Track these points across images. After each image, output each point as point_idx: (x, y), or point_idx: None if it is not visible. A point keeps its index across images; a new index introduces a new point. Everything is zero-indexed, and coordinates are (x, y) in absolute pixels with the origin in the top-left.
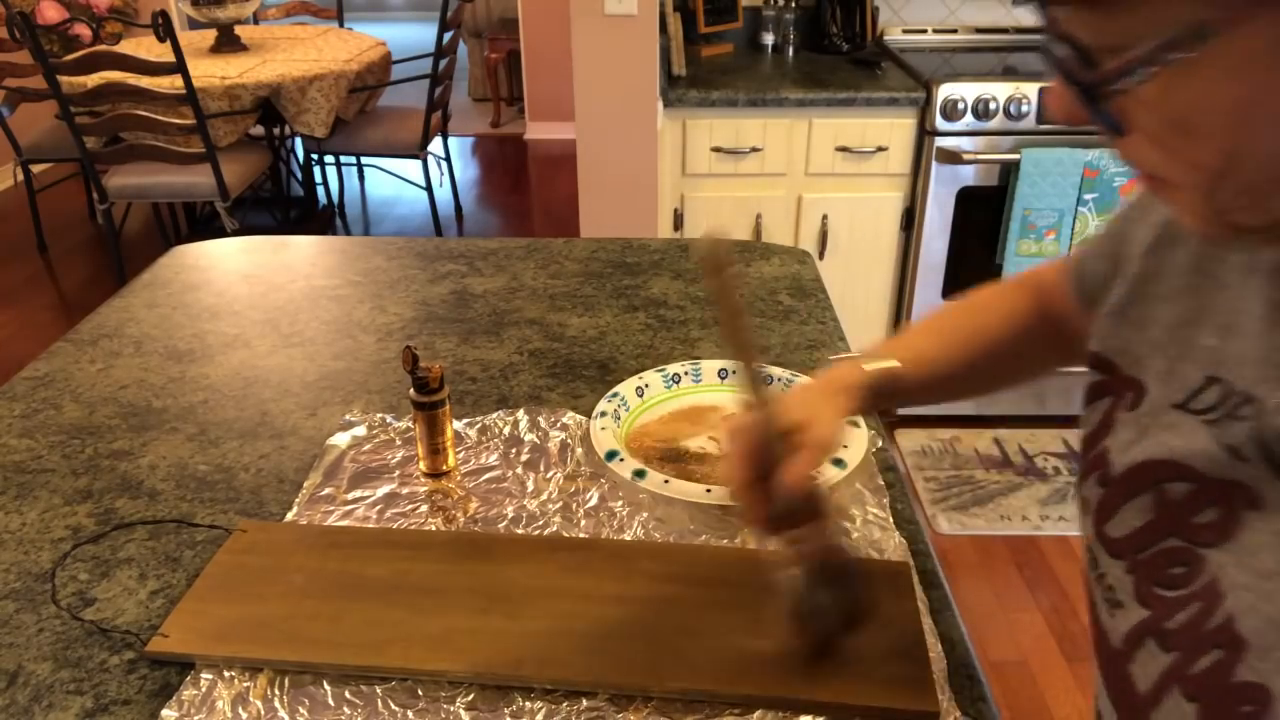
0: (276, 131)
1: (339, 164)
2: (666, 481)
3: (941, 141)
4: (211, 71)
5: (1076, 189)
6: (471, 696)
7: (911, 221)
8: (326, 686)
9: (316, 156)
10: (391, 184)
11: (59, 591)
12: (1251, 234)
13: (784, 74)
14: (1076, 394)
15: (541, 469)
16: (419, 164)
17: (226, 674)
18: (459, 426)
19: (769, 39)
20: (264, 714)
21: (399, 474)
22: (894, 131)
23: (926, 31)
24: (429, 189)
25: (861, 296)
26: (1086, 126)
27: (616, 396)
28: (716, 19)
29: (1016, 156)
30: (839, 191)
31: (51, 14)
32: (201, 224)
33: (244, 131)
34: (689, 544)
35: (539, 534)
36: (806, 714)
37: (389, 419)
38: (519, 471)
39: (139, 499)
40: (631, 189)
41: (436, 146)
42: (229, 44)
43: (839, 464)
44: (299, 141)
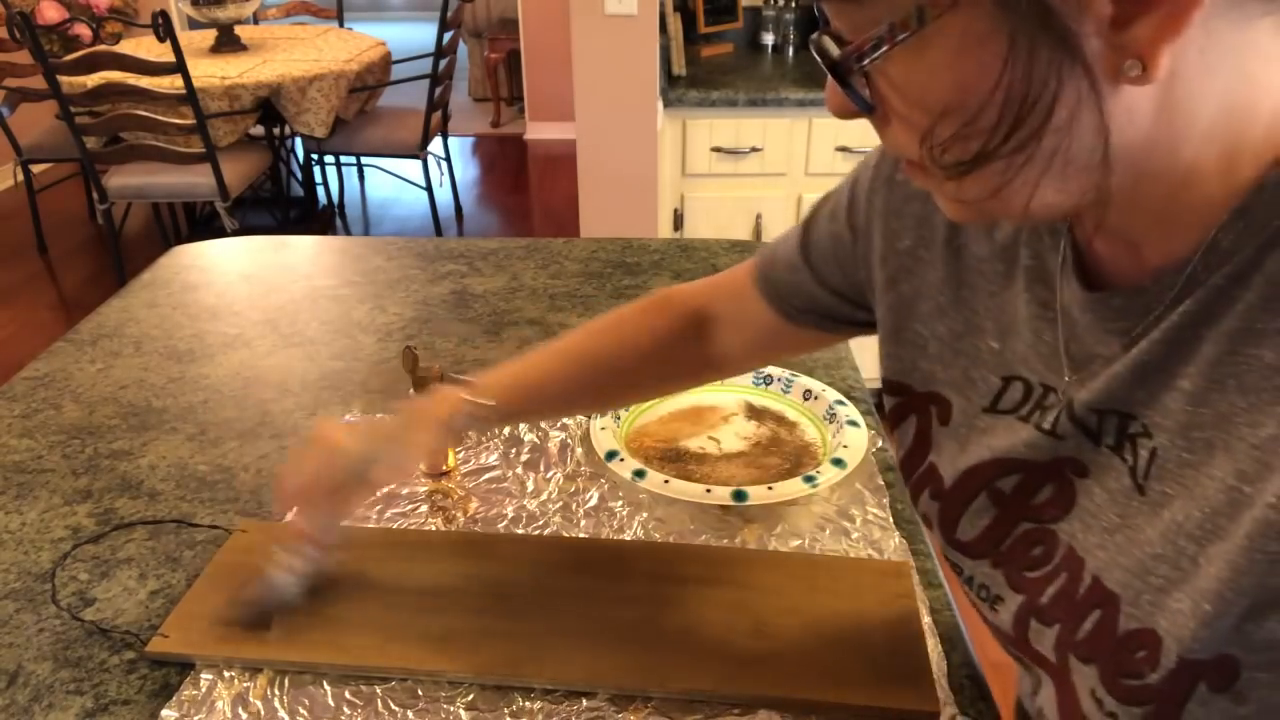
0: (276, 131)
1: (339, 164)
2: (666, 481)
3: None
4: (211, 71)
5: None
6: (471, 697)
7: None
8: (326, 686)
9: (316, 156)
10: (391, 184)
11: (59, 592)
12: (993, 211)
13: (784, 74)
14: None
15: (541, 469)
16: (419, 164)
17: (226, 674)
18: None
19: (769, 39)
20: (264, 714)
21: None
22: None
23: None
24: (429, 189)
25: None
26: (852, 119)
27: None
28: (716, 19)
29: None
30: None
31: (51, 14)
32: (201, 224)
33: (244, 131)
34: (689, 544)
35: (539, 534)
36: (808, 714)
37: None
38: (519, 471)
39: (139, 499)
40: (631, 189)
41: (436, 146)
42: (229, 44)
43: (839, 464)
44: (299, 141)
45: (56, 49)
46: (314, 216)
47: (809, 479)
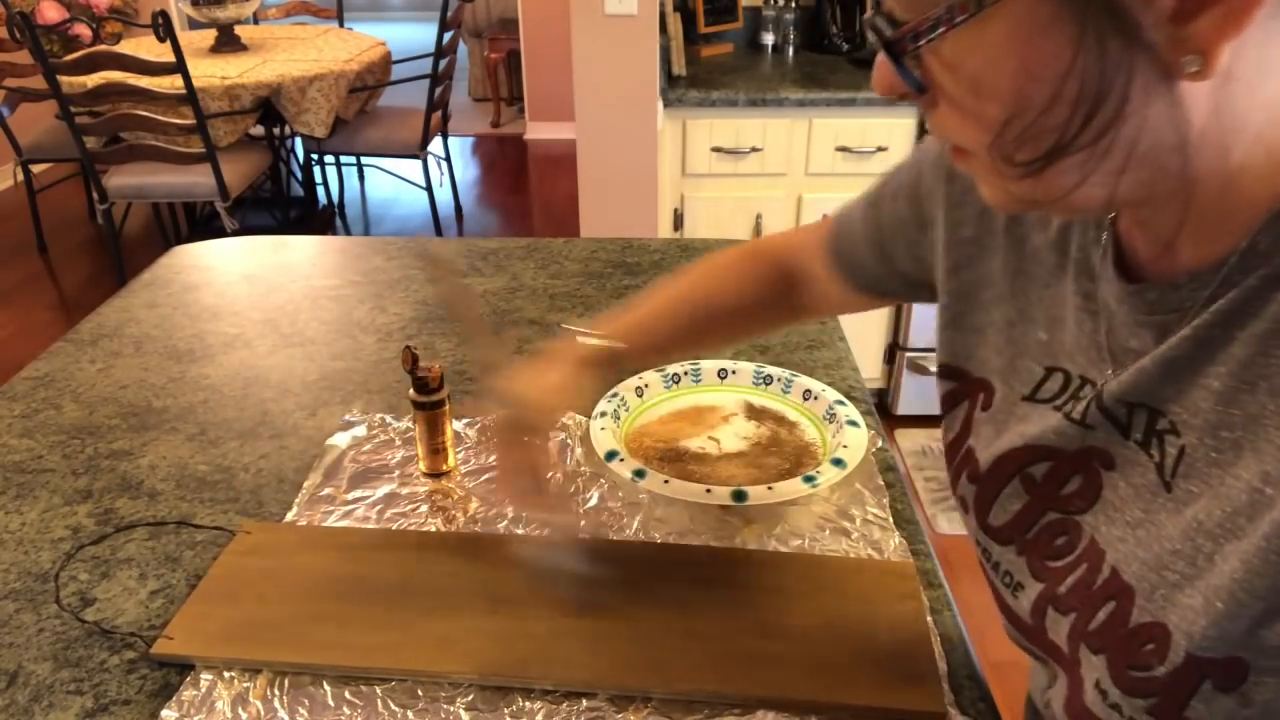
0: (276, 131)
1: (339, 164)
2: (666, 481)
3: None
4: (211, 71)
5: None
6: (471, 697)
7: None
8: (326, 687)
9: (316, 156)
10: (391, 184)
11: (60, 592)
12: (1037, 201)
13: (784, 74)
14: None
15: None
16: (419, 164)
17: (226, 674)
18: (459, 426)
19: (769, 39)
20: (264, 714)
21: (399, 474)
22: (894, 131)
23: None
24: (429, 189)
25: None
26: (900, 100)
27: (616, 397)
28: (716, 19)
29: None
30: (839, 191)
31: (51, 14)
32: (201, 224)
33: (244, 131)
34: (689, 544)
35: (539, 534)
36: (814, 715)
37: (389, 419)
38: None
39: (139, 499)
40: (631, 189)
41: (436, 146)
42: (229, 44)
43: (839, 464)
44: (299, 141)
45: (56, 49)
46: (314, 216)
47: (809, 479)
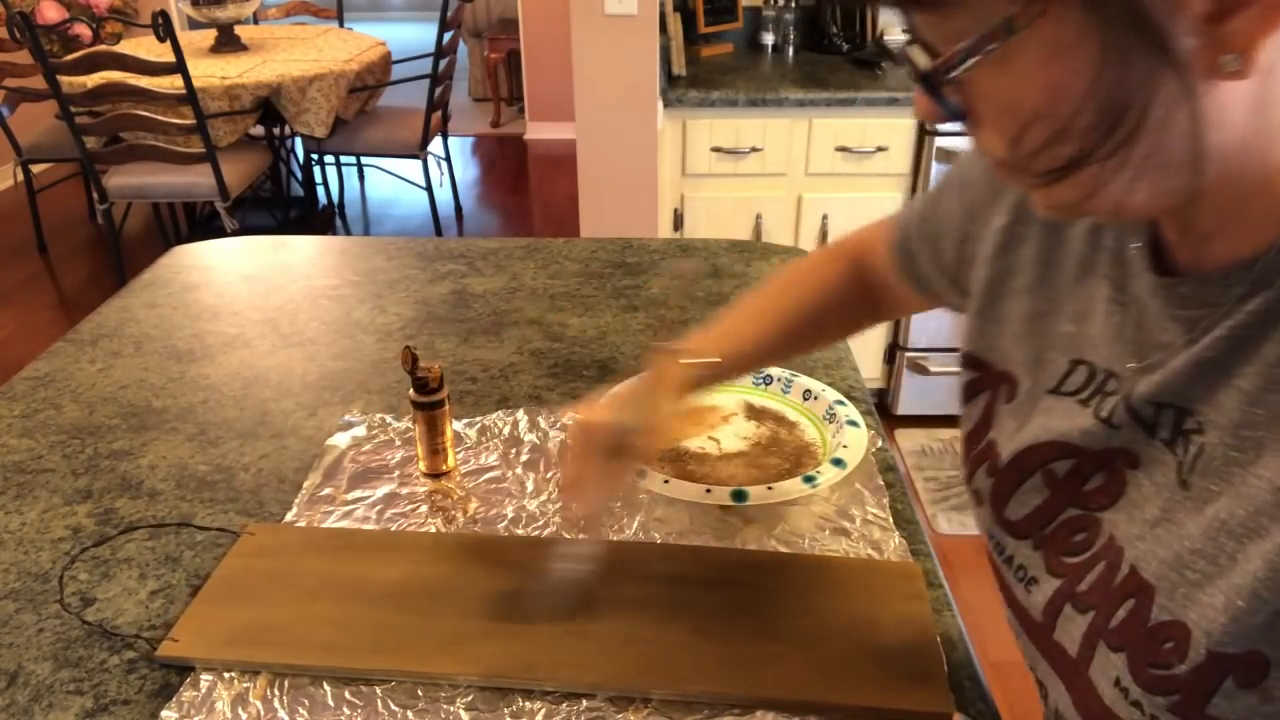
0: (276, 131)
1: (339, 164)
2: (666, 481)
3: (941, 141)
4: (211, 71)
5: None
6: (471, 697)
7: None
8: (326, 687)
9: (316, 156)
10: (391, 184)
11: (62, 592)
12: (1082, 208)
13: (784, 74)
14: None
15: (541, 469)
16: (419, 164)
17: (226, 675)
18: (459, 427)
19: (769, 39)
20: (263, 714)
21: (398, 474)
22: (894, 131)
23: None
24: (429, 189)
25: None
26: (943, 122)
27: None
28: (716, 19)
29: None
30: (839, 191)
31: (51, 14)
32: (201, 224)
33: (244, 131)
34: (689, 544)
35: (539, 534)
36: (818, 716)
37: (389, 419)
38: (519, 472)
39: (139, 499)
40: (631, 189)
41: (436, 146)
42: (229, 44)
43: (839, 464)
44: (299, 141)
45: (56, 49)
46: (314, 216)
47: (809, 479)
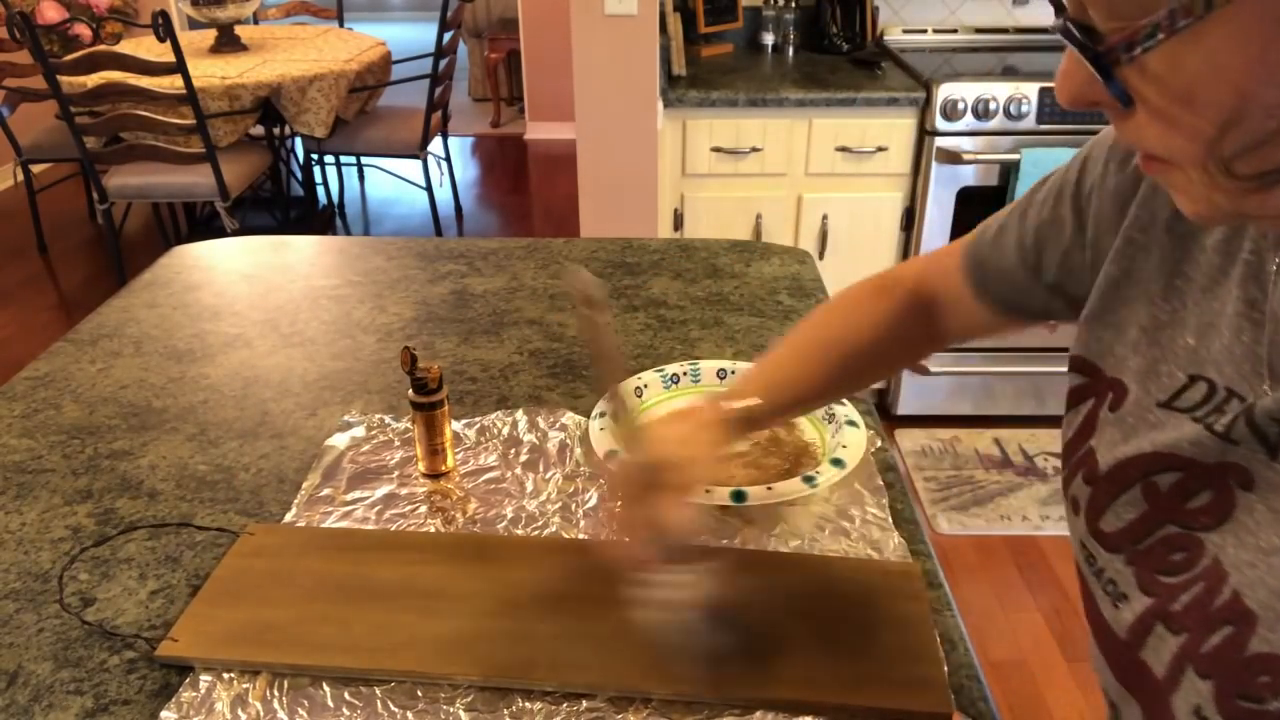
0: (276, 131)
1: (339, 164)
2: None
3: (941, 141)
4: (211, 71)
5: None
6: (471, 697)
7: (911, 221)
8: (326, 688)
9: (316, 156)
10: (391, 184)
11: (62, 592)
12: (1239, 213)
13: (784, 74)
14: None
15: (541, 469)
16: (419, 164)
17: (226, 675)
18: (458, 427)
19: (769, 39)
20: (263, 715)
21: (398, 475)
22: (894, 131)
23: (926, 31)
24: (429, 189)
25: None
26: (1089, 111)
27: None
28: (716, 19)
29: (1016, 156)
30: (839, 191)
31: (51, 14)
32: (201, 224)
33: (244, 131)
34: (695, 545)
35: (539, 535)
36: (816, 716)
37: (388, 419)
38: (518, 472)
39: (139, 499)
40: (631, 189)
41: (436, 146)
42: (229, 44)
43: (838, 464)
44: (299, 141)
45: (56, 49)
46: (314, 216)
47: (808, 479)
